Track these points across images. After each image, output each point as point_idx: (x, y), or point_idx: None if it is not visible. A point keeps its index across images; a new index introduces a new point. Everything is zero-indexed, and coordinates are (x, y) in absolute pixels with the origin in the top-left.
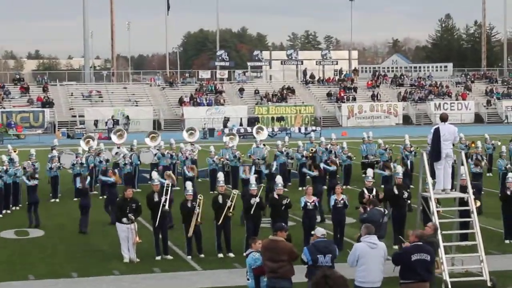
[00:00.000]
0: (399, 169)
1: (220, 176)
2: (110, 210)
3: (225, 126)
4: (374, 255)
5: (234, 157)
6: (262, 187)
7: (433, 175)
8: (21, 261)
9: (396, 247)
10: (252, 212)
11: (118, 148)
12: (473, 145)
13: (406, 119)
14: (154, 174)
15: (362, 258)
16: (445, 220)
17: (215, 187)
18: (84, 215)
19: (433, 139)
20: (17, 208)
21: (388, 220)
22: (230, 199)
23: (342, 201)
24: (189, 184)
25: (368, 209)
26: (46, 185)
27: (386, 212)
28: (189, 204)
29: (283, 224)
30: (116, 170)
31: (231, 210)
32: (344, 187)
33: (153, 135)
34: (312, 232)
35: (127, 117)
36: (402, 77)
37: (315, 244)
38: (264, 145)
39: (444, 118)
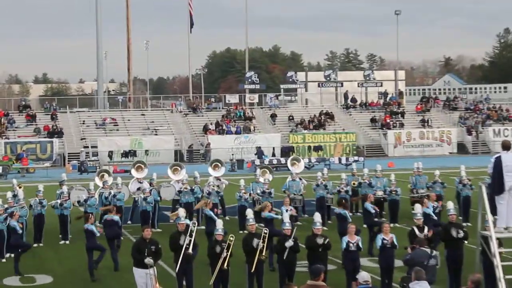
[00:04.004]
0: (451, 205)
1: (249, 213)
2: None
3: (259, 157)
4: None
5: (263, 192)
6: (295, 228)
7: (494, 212)
8: None
9: None
10: (285, 257)
11: (141, 183)
12: None
13: (461, 148)
14: (181, 212)
15: None
16: (509, 263)
17: (245, 226)
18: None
19: (494, 170)
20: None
21: (439, 263)
22: (262, 239)
23: (390, 241)
24: (219, 223)
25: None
26: (56, 224)
27: (434, 253)
28: (218, 246)
29: (321, 266)
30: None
31: (263, 254)
32: (391, 225)
33: (175, 167)
34: (357, 277)
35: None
36: (456, 100)
37: None
38: (300, 178)
39: (506, 146)
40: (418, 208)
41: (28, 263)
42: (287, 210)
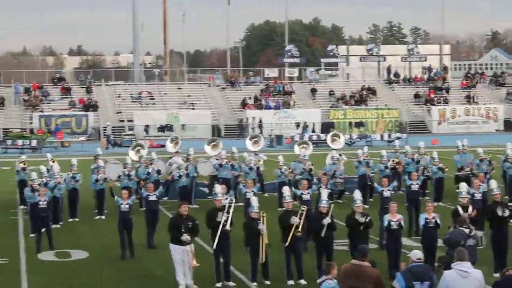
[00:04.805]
0: (494, 184)
1: (285, 190)
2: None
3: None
4: (466, 287)
5: (304, 169)
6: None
7: None
8: None
9: (497, 275)
10: (322, 235)
11: (171, 158)
12: None
13: (508, 125)
14: (218, 188)
15: None
16: None
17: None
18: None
19: None
20: (58, 226)
21: (482, 243)
22: (298, 216)
23: (433, 220)
24: (254, 200)
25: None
26: (91, 199)
27: (473, 233)
28: (255, 223)
29: (367, 246)
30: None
31: (299, 229)
32: (435, 204)
33: (213, 143)
34: (409, 255)
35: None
36: (503, 76)
37: (410, 269)
38: (340, 155)
39: None
40: (463, 187)
41: (64, 239)
42: (320, 188)
